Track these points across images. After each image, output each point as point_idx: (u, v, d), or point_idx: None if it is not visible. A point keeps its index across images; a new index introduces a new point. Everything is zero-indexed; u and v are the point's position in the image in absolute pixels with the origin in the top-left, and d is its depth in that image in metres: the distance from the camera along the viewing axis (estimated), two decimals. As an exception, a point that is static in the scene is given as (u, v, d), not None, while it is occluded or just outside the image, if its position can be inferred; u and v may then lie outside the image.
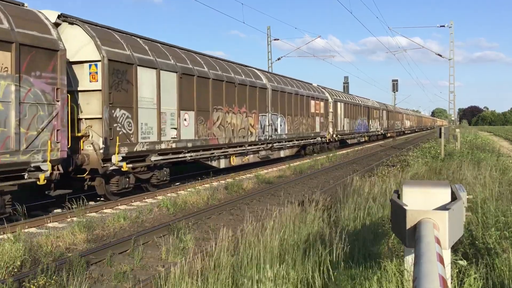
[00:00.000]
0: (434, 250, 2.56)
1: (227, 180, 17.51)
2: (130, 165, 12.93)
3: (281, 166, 22.63)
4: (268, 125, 22.56)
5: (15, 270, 6.99)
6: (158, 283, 5.58)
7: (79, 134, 12.00)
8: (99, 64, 12.14)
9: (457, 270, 4.55)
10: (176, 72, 15.17)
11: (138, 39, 14.57)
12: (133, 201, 13.12)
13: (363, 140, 45.17)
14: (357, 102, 42.77)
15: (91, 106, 12.27)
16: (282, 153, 25.07)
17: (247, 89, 20.32)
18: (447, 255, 3.22)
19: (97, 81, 12.15)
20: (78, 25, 12.51)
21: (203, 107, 16.73)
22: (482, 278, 4.62)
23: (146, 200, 13.43)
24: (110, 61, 12.28)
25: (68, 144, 11.04)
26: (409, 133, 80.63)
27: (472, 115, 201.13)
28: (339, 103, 35.20)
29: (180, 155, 15.39)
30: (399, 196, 3.89)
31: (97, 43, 12.19)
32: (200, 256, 6.12)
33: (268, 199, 13.64)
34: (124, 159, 12.57)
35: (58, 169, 10.71)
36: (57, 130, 10.67)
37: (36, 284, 5.86)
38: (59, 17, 12.31)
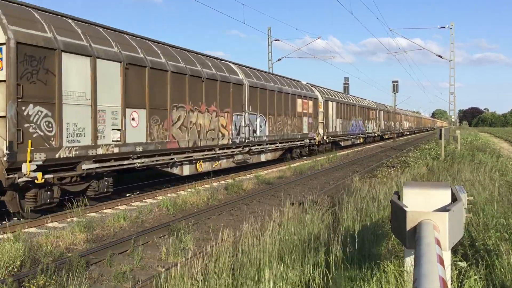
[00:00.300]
0: (434, 251, 2.56)
1: (227, 180, 17.51)
2: (51, 175, 10.56)
3: (282, 167, 22.61)
4: (245, 126, 20.13)
5: (15, 270, 6.99)
6: (158, 284, 5.58)
7: None
8: (3, 47, 9.65)
9: (457, 272, 4.55)
10: (120, 62, 12.64)
11: (69, 20, 12.02)
12: (133, 201, 13.12)
13: (358, 142, 43.37)
14: (351, 101, 40.85)
15: None
16: (263, 157, 22.58)
17: (217, 85, 17.78)
18: (447, 257, 3.22)
19: (1, 69, 9.66)
20: None
21: (158, 104, 14.24)
22: (482, 280, 4.62)
23: (146, 200, 13.43)
24: (19, 44, 9.80)
25: None
26: (408, 135, 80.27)
27: (472, 116, 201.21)
28: (330, 102, 33.25)
29: (126, 162, 12.94)
30: (399, 197, 3.89)
31: (2, 21, 9.69)
32: (200, 257, 6.12)
33: (268, 200, 13.64)
34: (40, 167, 10.15)
35: None
36: None
37: (36, 284, 5.86)
38: None
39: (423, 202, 3.53)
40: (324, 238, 6.75)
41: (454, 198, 3.60)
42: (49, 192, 10.67)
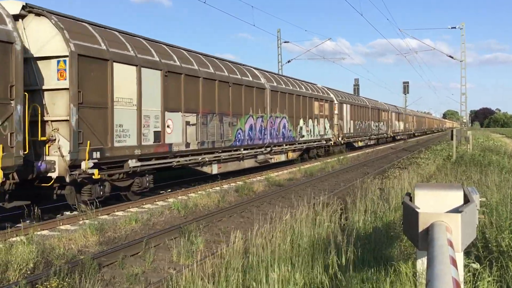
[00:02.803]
0: (447, 253, 2.55)
1: (238, 182, 17.52)
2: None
3: (292, 169, 22.59)
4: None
5: (28, 272, 7.05)
6: (170, 285, 5.60)
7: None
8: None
9: (470, 274, 4.51)
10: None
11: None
12: (144, 203, 13.18)
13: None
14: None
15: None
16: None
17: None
18: (460, 258, 3.20)
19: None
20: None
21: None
22: (496, 282, 4.58)
23: (157, 202, 13.49)
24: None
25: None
26: (419, 135, 79.93)
27: (484, 117, 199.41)
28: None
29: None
30: (411, 199, 3.87)
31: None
32: (211, 259, 6.14)
33: (278, 202, 13.62)
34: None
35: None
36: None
37: (48, 286, 5.91)
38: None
39: (435, 204, 3.51)
40: (335, 239, 6.74)
41: (467, 200, 3.57)
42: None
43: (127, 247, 8.33)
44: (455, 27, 45.15)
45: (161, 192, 15.36)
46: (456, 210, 3.31)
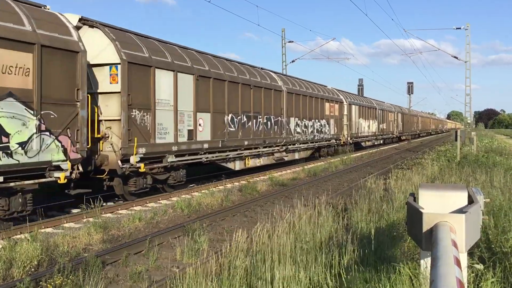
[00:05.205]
0: (451, 253, 2.55)
1: (241, 182, 17.54)
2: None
3: (296, 169, 22.59)
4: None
5: (32, 269, 7.09)
6: (174, 284, 5.61)
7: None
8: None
9: (473, 274, 4.51)
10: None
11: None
12: (148, 202, 13.21)
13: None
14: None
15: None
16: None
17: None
18: (463, 259, 3.20)
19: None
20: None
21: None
22: (499, 283, 4.58)
23: (161, 201, 13.52)
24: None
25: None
26: (424, 136, 79.89)
27: (488, 118, 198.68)
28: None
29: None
30: (415, 199, 3.87)
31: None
32: (215, 257, 6.15)
33: (281, 201, 13.61)
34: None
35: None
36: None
37: (52, 283, 5.94)
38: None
39: (439, 204, 3.50)
40: (338, 239, 6.74)
41: (471, 200, 3.57)
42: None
43: (130, 245, 8.35)
44: (460, 28, 45.06)
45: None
46: (461, 211, 3.31)
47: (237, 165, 18.55)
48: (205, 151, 15.94)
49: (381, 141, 46.35)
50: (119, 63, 12.27)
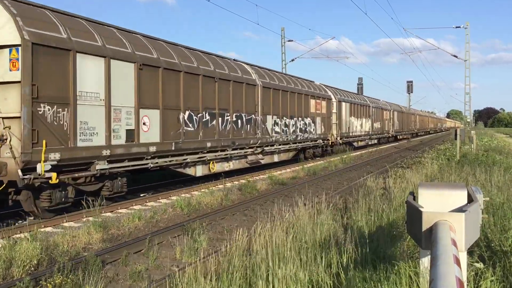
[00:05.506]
0: (451, 252, 2.55)
1: (241, 181, 17.53)
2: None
3: (295, 167, 22.58)
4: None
5: (32, 268, 7.08)
6: (173, 283, 5.61)
7: None
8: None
9: (473, 273, 4.51)
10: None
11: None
12: (147, 201, 13.21)
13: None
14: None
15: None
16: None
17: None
18: (463, 258, 3.20)
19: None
20: None
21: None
22: (499, 281, 4.58)
23: (161, 200, 13.51)
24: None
25: None
26: (422, 135, 79.58)
27: (488, 117, 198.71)
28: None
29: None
30: (414, 198, 3.87)
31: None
32: (214, 257, 6.15)
33: (281, 200, 13.61)
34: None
35: None
36: None
37: (52, 282, 5.94)
38: None
39: (439, 203, 3.50)
40: (337, 238, 6.73)
41: (470, 199, 3.57)
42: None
43: (130, 244, 8.36)
44: (459, 27, 45.11)
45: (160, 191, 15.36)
46: (460, 210, 3.31)
47: (199, 171, 16.01)
48: (153, 155, 13.33)
49: (376, 141, 44.42)
50: (20, 45, 9.60)
